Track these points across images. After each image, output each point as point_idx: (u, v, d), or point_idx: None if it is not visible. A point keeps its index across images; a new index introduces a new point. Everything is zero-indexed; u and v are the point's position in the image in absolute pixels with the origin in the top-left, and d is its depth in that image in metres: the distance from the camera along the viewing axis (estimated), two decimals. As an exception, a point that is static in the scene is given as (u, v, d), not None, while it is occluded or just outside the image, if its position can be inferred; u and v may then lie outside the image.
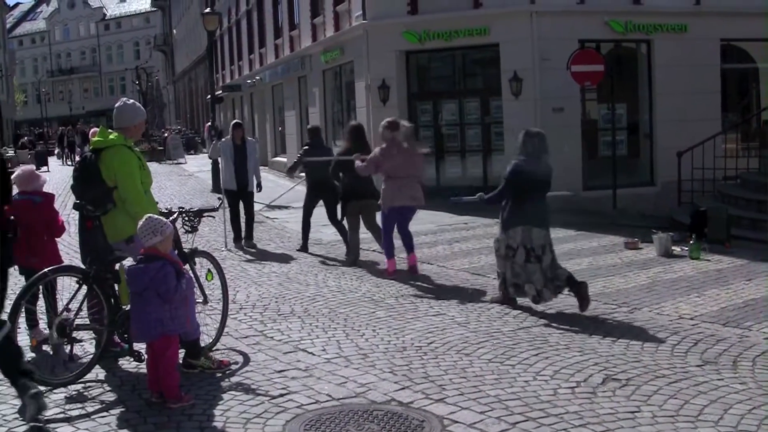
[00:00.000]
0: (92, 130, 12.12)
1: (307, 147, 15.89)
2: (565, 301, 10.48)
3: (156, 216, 7.39)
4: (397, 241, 12.94)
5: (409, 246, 12.90)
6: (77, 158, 9.29)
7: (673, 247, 13.82)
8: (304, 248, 15.40)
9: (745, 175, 18.53)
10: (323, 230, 17.87)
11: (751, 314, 9.78)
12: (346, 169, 13.54)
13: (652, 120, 23.31)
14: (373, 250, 15.03)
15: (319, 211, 20.42)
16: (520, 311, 10.16)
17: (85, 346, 8.50)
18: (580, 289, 9.96)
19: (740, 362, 7.92)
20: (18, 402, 6.86)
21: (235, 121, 17.39)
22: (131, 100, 8.55)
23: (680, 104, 22.23)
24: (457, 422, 6.47)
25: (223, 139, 16.85)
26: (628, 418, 6.48)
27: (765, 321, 9.44)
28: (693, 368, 7.75)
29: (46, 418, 6.65)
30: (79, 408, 6.97)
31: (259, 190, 16.69)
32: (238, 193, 16.18)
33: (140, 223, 7.18)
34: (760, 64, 25.63)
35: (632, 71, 24.24)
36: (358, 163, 12.82)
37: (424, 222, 17.63)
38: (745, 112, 25.57)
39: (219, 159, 18.01)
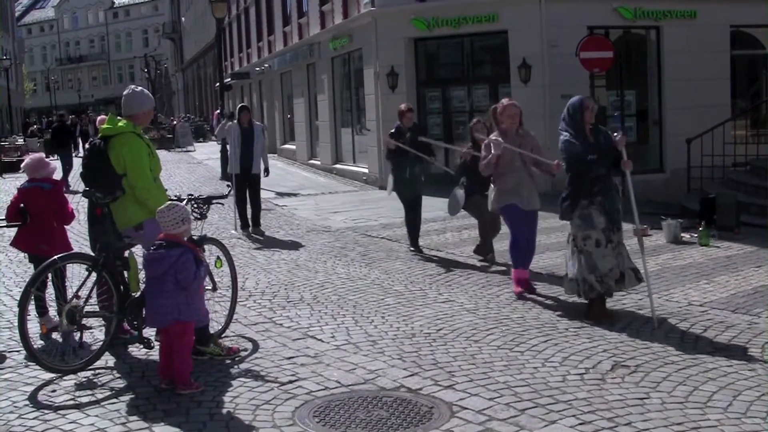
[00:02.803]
0: (99, 118, 12.15)
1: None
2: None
3: (179, 204, 7.43)
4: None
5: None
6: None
7: (682, 234, 13.80)
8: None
9: (755, 161, 18.47)
10: (332, 217, 17.92)
11: (760, 301, 9.76)
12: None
13: (661, 107, 23.22)
14: (382, 238, 15.06)
15: (332, 198, 20.49)
16: (529, 298, 10.14)
17: (95, 333, 8.53)
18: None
19: (749, 349, 7.91)
20: (28, 389, 6.90)
21: (241, 104, 17.35)
22: (139, 88, 8.57)
23: (689, 91, 22.14)
24: (466, 408, 6.47)
25: (230, 123, 16.78)
26: (637, 405, 6.48)
27: (774, 307, 9.43)
28: (702, 354, 7.74)
29: (56, 404, 6.69)
30: (89, 395, 6.99)
31: (266, 175, 16.60)
32: (243, 177, 16.12)
33: (165, 210, 7.20)
34: (770, 51, 25.55)
35: (641, 58, 24.14)
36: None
37: (433, 209, 17.63)
38: (754, 99, 25.47)
39: (226, 142, 17.94)
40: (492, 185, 10.81)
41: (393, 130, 13.70)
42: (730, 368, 7.32)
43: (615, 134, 9.19)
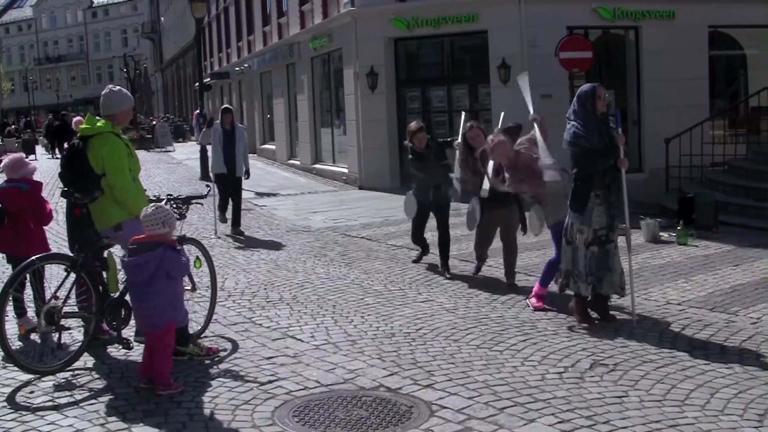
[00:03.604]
0: (76, 119, 12.09)
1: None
2: (553, 287, 10.51)
3: (165, 207, 7.42)
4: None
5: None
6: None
7: (660, 233, 13.87)
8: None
9: (733, 161, 18.57)
10: (311, 217, 17.92)
11: (738, 299, 9.83)
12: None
13: (640, 107, 23.30)
14: (362, 237, 15.08)
15: (312, 198, 20.50)
16: (508, 297, 10.18)
17: (74, 333, 8.51)
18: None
19: (727, 347, 7.96)
20: (6, 390, 6.88)
21: (224, 106, 17.33)
22: (118, 87, 8.55)
23: (668, 91, 22.23)
24: (445, 408, 6.49)
25: (214, 123, 16.77)
26: (616, 403, 6.51)
27: (752, 306, 9.48)
28: (680, 353, 7.79)
29: (35, 406, 6.66)
30: (68, 396, 6.97)
31: (247, 177, 16.60)
32: (225, 179, 16.13)
33: (148, 212, 7.18)
34: (747, 51, 25.64)
35: (620, 58, 24.20)
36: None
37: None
38: (732, 99, 25.58)
39: (208, 145, 17.93)
40: (536, 201, 9.81)
41: (411, 156, 12.42)
42: (708, 366, 7.36)
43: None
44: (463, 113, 12.87)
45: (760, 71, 23.84)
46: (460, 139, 11.50)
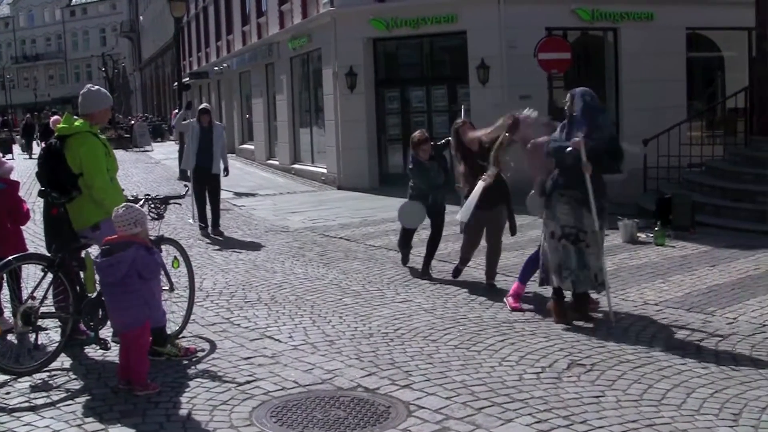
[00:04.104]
0: (54, 119, 12.04)
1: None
2: (530, 288, 10.56)
3: (136, 206, 7.38)
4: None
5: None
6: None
7: (638, 234, 13.92)
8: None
9: (710, 162, 18.65)
10: (290, 217, 17.91)
11: (714, 300, 9.88)
12: None
13: (618, 107, 23.38)
14: (340, 238, 15.08)
15: (290, 198, 20.45)
16: (486, 298, 10.20)
17: (51, 334, 8.47)
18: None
19: (703, 347, 8.01)
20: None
21: (202, 106, 17.28)
22: (96, 87, 8.53)
23: (646, 92, 22.32)
24: (423, 408, 6.50)
25: (189, 120, 16.72)
26: (593, 403, 6.54)
27: (728, 306, 9.54)
28: (657, 353, 7.83)
29: (11, 407, 6.63)
30: (44, 397, 6.94)
31: (226, 175, 16.54)
32: (203, 176, 16.01)
33: (120, 212, 7.14)
34: (725, 53, 25.81)
35: (599, 59, 24.31)
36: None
37: (391, 209, 17.65)
38: (710, 100, 25.73)
39: (185, 136, 17.87)
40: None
41: (411, 166, 12.02)
42: (684, 366, 7.41)
43: (575, 137, 8.87)
44: (463, 107, 12.90)
45: (737, 73, 23.95)
46: (452, 135, 11.40)
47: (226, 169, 16.44)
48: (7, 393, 7.03)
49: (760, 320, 8.92)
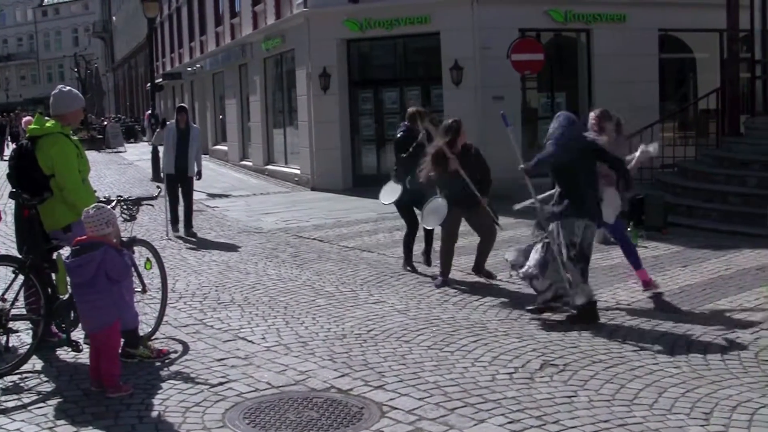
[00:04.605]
0: (25, 119, 11.96)
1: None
2: (504, 290, 10.61)
3: (106, 207, 7.36)
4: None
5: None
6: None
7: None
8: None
9: (682, 163, 18.76)
10: (263, 219, 17.88)
11: (686, 300, 9.94)
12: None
13: (591, 108, 23.47)
14: (314, 239, 15.07)
15: (264, 199, 20.47)
16: (460, 299, 10.22)
17: (22, 336, 8.41)
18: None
19: (675, 347, 8.05)
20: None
21: (179, 104, 17.23)
22: (68, 87, 8.50)
23: (619, 93, 22.34)
24: (396, 408, 6.51)
25: (168, 123, 16.68)
26: (565, 403, 6.57)
27: (699, 306, 9.60)
28: (629, 353, 7.87)
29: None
30: (16, 399, 6.91)
31: (199, 178, 16.51)
32: (177, 178, 16.01)
33: (90, 213, 7.10)
34: (697, 54, 25.98)
35: (572, 60, 24.39)
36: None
37: (364, 210, 17.69)
38: (682, 101, 25.88)
39: (160, 146, 17.81)
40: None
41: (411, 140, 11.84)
42: (656, 366, 7.45)
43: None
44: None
45: (709, 74, 24.12)
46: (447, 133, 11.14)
47: (199, 173, 16.37)
48: (-22, 396, 7.00)
49: (730, 320, 8.99)
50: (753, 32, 18.94)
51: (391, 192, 12.17)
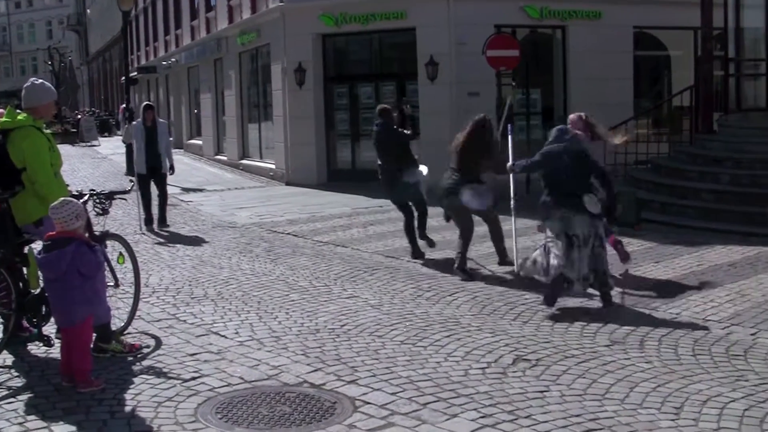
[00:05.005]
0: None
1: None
2: (478, 283, 10.64)
3: (74, 200, 7.30)
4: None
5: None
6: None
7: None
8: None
9: (656, 159, 18.85)
10: (238, 213, 17.85)
11: (658, 296, 9.99)
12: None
13: (566, 105, 23.49)
14: (288, 233, 15.06)
15: (238, 193, 20.36)
16: (434, 294, 10.24)
17: (-7, 330, 8.36)
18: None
19: (647, 342, 8.09)
20: None
21: (145, 103, 17.21)
22: (40, 80, 8.43)
23: (594, 90, 22.44)
24: (368, 403, 6.51)
25: (134, 122, 16.63)
26: (538, 398, 6.59)
27: (671, 302, 9.65)
28: (601, 348, 7.91)
29: (-49, 403, 6.55)
30: (-14, 394, 6.87)
31: (172, 173, 16.48)
32: (149, 176, 16.00)
33: (59, 206, 7.05)
34: (671, 52, 26.11)
35: (547, 57, 24.46)
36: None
37: (339, 205, 17.68)
38: (656, 98, 26.01)
39: (132, 142, 17.75)
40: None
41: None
42: (628, 361, 7.49)
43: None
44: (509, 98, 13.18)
45: (683, 71, 24.28)
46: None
47: (172, 167, 16.34)
48: (-52, 390, 6.95)
49: (702, 315, 9.05)
50: (726, 30, 19.05)
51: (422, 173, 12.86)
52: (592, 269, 9.43)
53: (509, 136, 11.71)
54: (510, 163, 10.98)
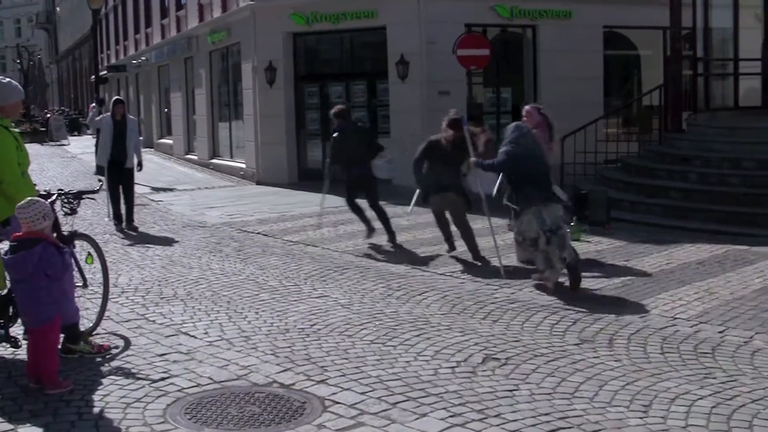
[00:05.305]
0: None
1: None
2: (448, 282, 10.65)
3: (40, 200, 7.23)
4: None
5: None
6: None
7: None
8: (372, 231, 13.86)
9: (626, 158, 18.94)
10: (208, 213, 17.80)
11: (627, 294, 10.04)
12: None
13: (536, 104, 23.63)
14: (258, 233, 15.02)
15: (208, 193, 20.27)
16: (403, 293, 10.24)
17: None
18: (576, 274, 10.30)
19: (616, 340, 8.13)
20: None
21: (116, 97, 17.12)
22: (6, 79, 8.35)
23: (564, 89, 22.53)
24: (338, 403, 6.50)
25: (103, 115, 16.53)
26: (507, 397, 6.60)
27: (640, 300, 9.69)
28: (570, 347, 7.93)
29: None
30: (-48, 395, 6.80)
31: (140, 170, 16.35)
32: (115, 170, 15.76)
33: (25, 206, 6.98)
34: (641, 51, 26.27)
35: (518, 56, 24.53)
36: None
37: (309, 204, 17.64)
38: (626, 98, 26.15)
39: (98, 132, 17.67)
40: None
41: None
42: (597, 359, 7.52)
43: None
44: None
45: (652, 71, 24.43)
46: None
47: (140, 164, 16.24)
48: None
49: (671, 314, 9.10)
50: (695, 30, 19.21)
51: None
52: (564, 250, 10.09)
53: (464, 128, 11.97)
54: (473, 159, 11.48)
